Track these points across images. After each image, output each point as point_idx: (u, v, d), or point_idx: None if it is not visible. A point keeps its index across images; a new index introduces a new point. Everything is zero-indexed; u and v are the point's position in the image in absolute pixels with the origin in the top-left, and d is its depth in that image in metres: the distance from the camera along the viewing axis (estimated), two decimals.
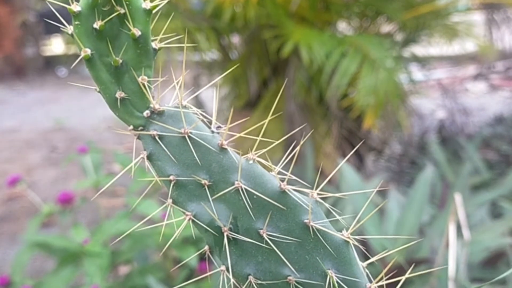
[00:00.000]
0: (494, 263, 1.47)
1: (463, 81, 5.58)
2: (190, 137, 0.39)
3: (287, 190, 0.39)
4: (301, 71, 2.31)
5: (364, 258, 0.43)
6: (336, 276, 0.39)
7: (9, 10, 8.00)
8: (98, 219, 2.19)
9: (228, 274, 0.40)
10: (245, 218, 0.40)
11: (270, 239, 0.39)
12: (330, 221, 0.40)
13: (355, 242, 0.40)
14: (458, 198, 1.21)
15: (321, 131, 2.46)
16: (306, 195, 0.40)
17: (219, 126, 0.41)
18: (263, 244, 0.40)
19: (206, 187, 0.40)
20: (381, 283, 0.40)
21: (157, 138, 0.40)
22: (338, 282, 0.39)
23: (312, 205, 0.39)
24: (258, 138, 0.41)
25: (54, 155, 4.38)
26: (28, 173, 3.87)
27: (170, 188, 0.40)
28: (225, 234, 0.40)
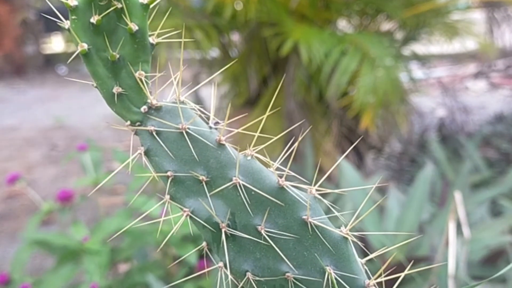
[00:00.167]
0: (494, 261, 1.47)
1: (463, 79, 5.57)
2: (187, 132, 0.39)
3: (285, 186, 0.39)
4: (301, 69, 2.30)
5: (363, 256, 0.43)
6: (334, 272, 0.39)
7: (9, 8, 8.00)
8: (97, 217, 2.19)
9: (226, 270, 0.40)
10: (243, 214, 0.39)
11: (268, 235, 0.39)
12: (329, 218, 0.40)
13: (354, 238, 0.40)
14: (458, 196, 1.21)
15: (321, 129, 2.45)
16: (305, 191, 0.40)
17: (217, 122, 0.40)
18: (261, 240, 0.39)
19: (204, 183, 0.39)
20: (379, 280, 0.40)
21: (154, 133, 0.39)
22: (336, 278, 0.39)
23: (310, 201, 0.39)
24: (256, 134, 0.40)
25: (54, 153, 4.38)
26: (28, 171, 3.87)
27: (168, 184, 0.40)
28: (223, 230, 0.39)
